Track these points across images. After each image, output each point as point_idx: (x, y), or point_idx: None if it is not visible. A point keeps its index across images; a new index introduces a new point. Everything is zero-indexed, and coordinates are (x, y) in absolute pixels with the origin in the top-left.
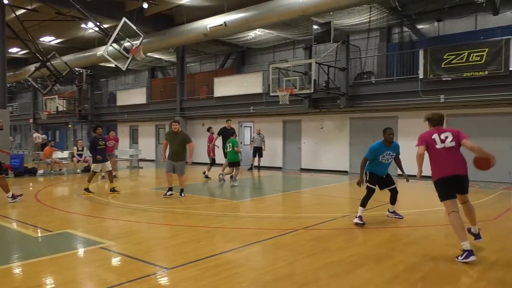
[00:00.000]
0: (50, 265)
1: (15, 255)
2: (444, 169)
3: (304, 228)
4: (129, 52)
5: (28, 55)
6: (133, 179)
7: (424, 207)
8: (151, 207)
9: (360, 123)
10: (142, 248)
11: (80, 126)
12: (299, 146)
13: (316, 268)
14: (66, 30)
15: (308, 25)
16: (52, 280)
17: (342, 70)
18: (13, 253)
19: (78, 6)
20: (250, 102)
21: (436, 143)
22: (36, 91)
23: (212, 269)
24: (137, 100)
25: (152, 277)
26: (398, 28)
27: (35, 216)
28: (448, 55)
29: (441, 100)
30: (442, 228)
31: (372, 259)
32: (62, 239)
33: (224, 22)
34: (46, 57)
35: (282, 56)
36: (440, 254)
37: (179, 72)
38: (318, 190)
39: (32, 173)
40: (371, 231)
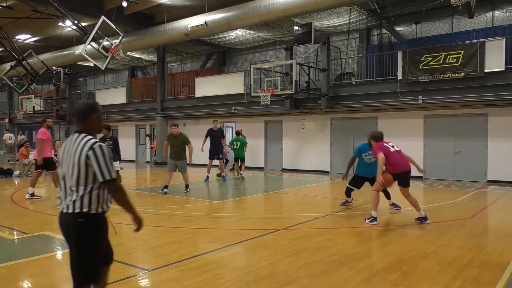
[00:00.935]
0: (27, 268)
1: None
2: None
3: (285, 228)
4: (108, 51)
5: (3, 54)
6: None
7: (403, 206)
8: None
9: (340, 124)
10: (123, 249)
11: (57, 126)
12: (280, 146)
13: (297, 268)
14: (43, 28)
15: (289, 26)
16: (30, 283)
17: (322, 71)
18: None
19: (55, 4)
20: (231, 102)
21: (390, 148)
22: (11, 90)
23: (194, 270)
24: (117, 100)
25: (133, 279)
26: (377, 30)
27: (11, 218)
28: (426, 57)
29: (419, 101)
30: (419, 227)
31: (352, 258)
32: (39, 242)
33: (205, 21)
34: (22, 55)
35: (263, 56)
36: (418, 253)
37: (159, 72)
38: (299, 190)
39: (7, 175)
40: (351, 231)
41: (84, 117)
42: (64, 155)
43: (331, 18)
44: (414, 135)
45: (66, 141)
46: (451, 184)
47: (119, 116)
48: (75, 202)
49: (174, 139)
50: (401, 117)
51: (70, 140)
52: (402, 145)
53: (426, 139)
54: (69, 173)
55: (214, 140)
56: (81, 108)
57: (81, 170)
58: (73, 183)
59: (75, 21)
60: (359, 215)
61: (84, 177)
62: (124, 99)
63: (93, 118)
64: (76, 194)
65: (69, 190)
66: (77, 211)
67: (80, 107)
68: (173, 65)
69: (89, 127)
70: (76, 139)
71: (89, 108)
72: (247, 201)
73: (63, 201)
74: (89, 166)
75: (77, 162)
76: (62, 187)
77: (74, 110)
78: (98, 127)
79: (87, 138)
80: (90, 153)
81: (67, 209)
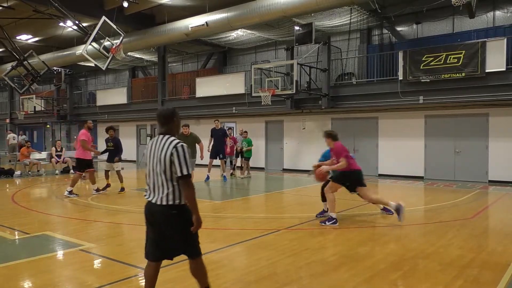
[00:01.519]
0: (28, 268)
1: None
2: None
3: (286, 228)
4: (109, 51)
5: (4, 54)
6: (114, 180)
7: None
8: (132, 208)
9: (341, 124)
10: (123, 250)
11: (58, 126)
12: (281, 146)
13: (298, 268)
14: (44, 29)
15: (290, 26)
16: (30, 283)
17: (323, 71)
18: None
19: (56, 4)
20: (232, 102)
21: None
22: (12, 90)
23: None
24: (118, 100)
25: (134, 279)
26: (378, 30)
27: (12, 218)
28: (427, 57)
29: (420, 101)
30: (420, 227)
31: (352, 258)
32: (40, 242)
33: (205, 22)
34: (23, 55)
35: (264, 56)
36: (419, 253)
37: (160, 72)
38: (300, 190)
39: (9, 175)
40: (352, 231)
41: (167, 120)
42: (151, 153)
43: (332, 18)
44: (415, 135)
45: (152, 141)
46: (452, 184)
47: (120, 116)
48: (168, 196)
49: (186, 139)
50: (402, 117)
51: (156, 141)
52: (403, 145)
53: (427, 139)
54: (157, 170)
55: (216, 139)
56: (165, 112)
57: (167, 167)
58: (162, 178)
59: (76, 22)
60: (359, 216)
61: (170, 173)
62: (125, 99)
63: (174, 121)
64: (167, 189)
65: (159, 185)
66: (170, 203)
67: (164, 111)
68: (173, 65)
69: (171, 128)
70: (161, 140)
71: (172, 113)
72: (248, 201)
73: (152, 194)
74: (172, 163)
75: (163, 159)
76: (151, 181)
77: (159, 114)
78: (178, 129)
79: (171, 139)
80: (173, 151)
81: (161, 201)
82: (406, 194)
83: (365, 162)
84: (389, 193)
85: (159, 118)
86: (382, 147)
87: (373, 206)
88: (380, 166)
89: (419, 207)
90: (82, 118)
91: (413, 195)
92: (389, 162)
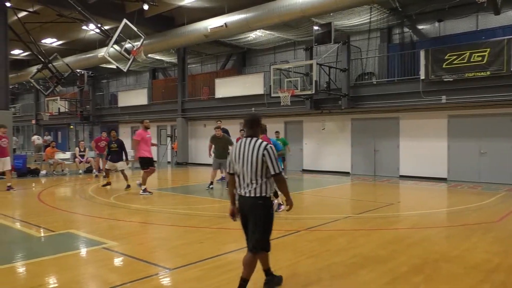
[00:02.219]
0: (53, 265)
1: (18, 255)
2: None
3: (306, 229)
4: (130, 53)
5: (30, 57)
6: (135, 179)
7: (426, 208)
8: (153, 207)
9: (361, 124)
10: (145, 248)
11: (81, 127)
12: (300, 147)
13: (318, 269)
14: (68, 32)
15: (309, 26)
16: (55, 280)
17: (343, 71)
18: (16, 252)
19: (79, 8)
20: (251, 103)
21: None
22: (38, 92)
23: (215, 270)
24: (138, 101)
25: (155, 277)
26: (398, 29)
27: (38, 216)
28: (450, 56)
29: (442, 100)
30: (443, 229)
31: (374, 260)
32: (64, 239)
33: (224, 23)
34: (48, 58)
35: (283, 57)
36: (441, 256)
37: (180, 73)
38: (320, 191)
39: (34, 174)
40: (373, 233)
41: (255, 125)
42: (239, 154)
43: (351, 17)
44: (438, 136)
45: (239, 143)
46: (476, 186)
47: (140, 117)
48: (256, 189)
49: (218, 140)
50: (424, 117)
51: (243, 143)
52: (425, 146)
53: (450, 139)
54: (247, 168)
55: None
56: (253, 117)
57: (258, 166)
58: (252, 175)
59: (98, 25)
60: (381, 217)
61: (260, 171)
62: (146, 100)
63: (260, 125)
64: (256, 183)
65: (249, 181)
66: (258, 195)
67: (252, 117)
68: (193, 66)
69: (257, 132)
70: (250, 142)
71: (258, 118)
72: None
73: (243, 188)
74: (264, 162)
75: (255, 159)
76: (241, 178)
77: (248, 119)
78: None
79: (260, 141)
80: (265, 152)
81: (250, 194)
82: (429, 196)
83: (385, 163)
84: (411, 194)
85: (248, 122)
86: (403, 148)
87: (394, 208)
88: (402, 167)
89: (442, 210)
90: (104, 119)
91: (436, 197)
92: (410, 163)
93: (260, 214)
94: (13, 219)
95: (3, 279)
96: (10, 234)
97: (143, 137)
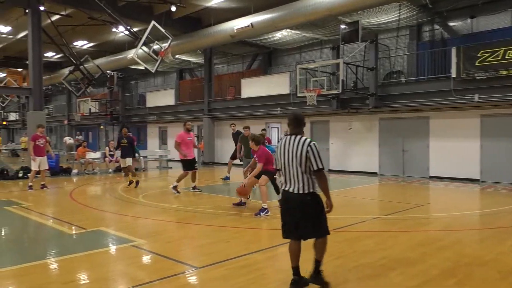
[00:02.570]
0: (84, 261)
1: (51, 251)
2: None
3: (333, 230)
4: (158, 55)
5: (63, 59)
6: (163, 179)
7: (457, 210)
8: (180, 206)
9: (389, 124)
10: (172, 247)
11: (111, 127)
12: (327, 147)
13: (346, 270)
14: (98, 34)
15: (336, 24)
16: (86, 276)
17: (370, 70)
18: (49, 249)
19: (109, 11)
20: (277, 103)
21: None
22: (70, 94)
23: (241, 270)
24: (166, 102)
25: (181, 275)
26: (428, 26)
27: (70, 214)
28: (483, 53)
29: (475, 99)
30: (476, 232)
31: (403, 262)
32: (95, 237)
33: (251, 23)
34: (79, 60)
35: (309, 56)
36: (474, 260)
37: (206, 74)
38: (347, 191)
39: (67, 173)
40: (402, 234)
41: (299, 123)
42: (284, 151)
43: (379, 15)
44: (470, 136)
45: (284, 140)
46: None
47: (168, 117)
48: (304, 186)
49: (246, 140)
50: (455, 117)
51: (288, 140)
52: (456, 146)
53: (483, 139)
54: (293, 164)
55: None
56: (299, 116)
57: (302, 162)
58: (298, 171)
59: (128, 27)
60: (410, 219)
61: (304, 167)
62: (173, 101)
63: (304, 124)
64: (302, 180)
65: (295, 177)
66: (306, 192)
67: (298, 116)
68: (219, 66)
69: (301, 130)
70: (295, 139)
71: (303, 117)
72: None
73: (288, 184)
74: (308, 158)
75: (299, 155)
76: (286, 174)
77: (293, 117)
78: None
79: (304, 138)
80: (308, 148)
81: (297, 191)
82: (461, 197)
83: (415, 164)
84: (442, 195)
85: (293, 121)
86: (433, 148)
87: (423, 209)
88: (432, 167)
89: (475, 211)
90: (133, 119)
91: (468, 198)
92: (441, 163)
93: (311, 210)
94: (47, 216)
95: (38, 275)
96: (44, 231)
97: (184, 139)
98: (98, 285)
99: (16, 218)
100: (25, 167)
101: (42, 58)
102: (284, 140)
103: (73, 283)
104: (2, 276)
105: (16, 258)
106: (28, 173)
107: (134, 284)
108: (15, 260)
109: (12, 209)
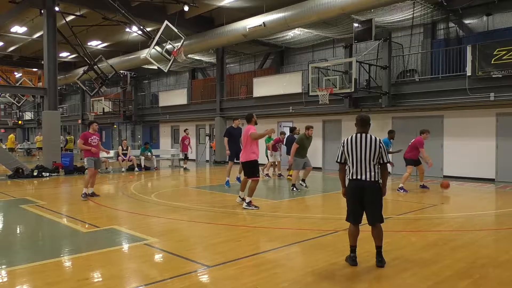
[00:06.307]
0: (97, 259)
1: (65, 249)
2: None
3: (345, 230)
4: (170, 54)
5: (77, 59)
6: (175, 178)
7: (472, 210)
8: (192, 205)
9: (403, 123)
10: (184, 245)
11: (124, 126)
12: (339, 146)
13: (357, 270)
14: (112, 34)
15: (348, 23)
16: (100, 274)
17: (384, 69)
18: (64, 247)
19: (123, 11)
20: (289, 102)
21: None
22: (84, 93)
23: (252, 269)
24: (178, 101)
25: (193, 274)
26: (443, 24)
27: (84, 212)
28: (499, 51)
29: (490, 98)
30: (491, 233)
31: (416, 263)
32: (108, 235)
33: (263, 22)
34: (93, 60)
35: (321, 55)
36: (490, 260)
37: (218, 73)
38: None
39: (81, 171)
40: (415, 234)
41: (367, 124)
42: (356, 146)
43: (393, 13)
44: (485, 135)
45: (352, 138)
46: None
47: (180, 117)
48: (375, 175)
49: (307, 140)
50: (470, 116)
51: (359, 138)
52: (471, 145)
53: (498, 139)
54: (366, 157)
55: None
56: (367, 118)
57: (375, 156)
58: (371, 163)
59: (141, 27)
60: (423, 219)
61: (376, 159)
62: (185, 100)
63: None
64: (374, 170)
65: (367, 168)
66: (376, 180)
67: (366, 117)
68: (231, 66)
69: (368, 129)
70: (366, 137)
71: (369, 119)
72: (304, 201)
73: (360, 174)
74: (380, 153)
75: (373, 150)
76: (358, 165)
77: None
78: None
79: (374, 136)
80: (381, 145)
81: (370, 179)
82: (476, 197)
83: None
84: (456, 195)
85: (362, 121)
86: (447, 147)
87: (437, 209)
88: (446, 167)
89: (490, 212)
90: (145, 118)
91: (483, 198)
92: (455, 163)
93: (379, 195)
94: (61, 214)
95: (52, 272)
96: (58, 229)
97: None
98: (111, 283)
99: (31, 216)
100: (40, 165)
101: (57, 58)
102: (354, 138)
103: (87, 280)
104: (18, 274)
105: (31, 256)
106: (43, 172)
107: (146, 282)
108: (30, 257)
109: (27, 207)
